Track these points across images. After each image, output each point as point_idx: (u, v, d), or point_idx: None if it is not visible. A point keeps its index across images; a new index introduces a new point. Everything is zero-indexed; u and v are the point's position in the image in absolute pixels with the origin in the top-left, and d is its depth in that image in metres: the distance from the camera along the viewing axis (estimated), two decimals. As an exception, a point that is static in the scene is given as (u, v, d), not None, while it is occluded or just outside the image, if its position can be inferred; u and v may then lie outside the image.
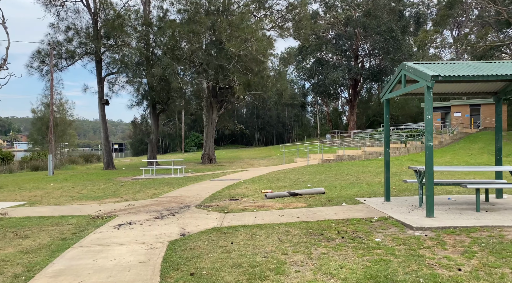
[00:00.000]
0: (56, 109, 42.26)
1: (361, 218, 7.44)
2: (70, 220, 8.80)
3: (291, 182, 14.70)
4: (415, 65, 7.34)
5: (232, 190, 13.06)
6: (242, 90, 23.35)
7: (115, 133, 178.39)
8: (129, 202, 11.16)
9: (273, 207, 9.31)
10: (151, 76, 24.69)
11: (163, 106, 29.56)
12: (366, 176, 15.65)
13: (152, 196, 12.56)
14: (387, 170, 9.11)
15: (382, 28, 40.33)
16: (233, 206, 9.71)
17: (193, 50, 25.02)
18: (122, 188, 15.17)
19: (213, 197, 11.46)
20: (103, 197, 13.11)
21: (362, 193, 10.95)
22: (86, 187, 16.13)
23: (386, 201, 9.10)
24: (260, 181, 15.26)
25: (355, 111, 48.36)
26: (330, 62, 47.07)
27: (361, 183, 13.51)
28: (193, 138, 61.68)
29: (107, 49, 26.34)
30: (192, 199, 11.27)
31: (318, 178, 15.57)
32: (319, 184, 13.59)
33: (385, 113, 9.06)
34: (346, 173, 16.87)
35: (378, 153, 24.63)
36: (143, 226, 7.79)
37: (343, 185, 13.10)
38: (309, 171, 18.35)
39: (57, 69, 26.89)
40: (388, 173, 9.11)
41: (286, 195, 10.58)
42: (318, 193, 10.85)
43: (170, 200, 11.22)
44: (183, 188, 13.98)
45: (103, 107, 26.73)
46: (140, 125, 32.08)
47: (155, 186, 15.25)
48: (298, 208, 8.92)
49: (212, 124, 28.31)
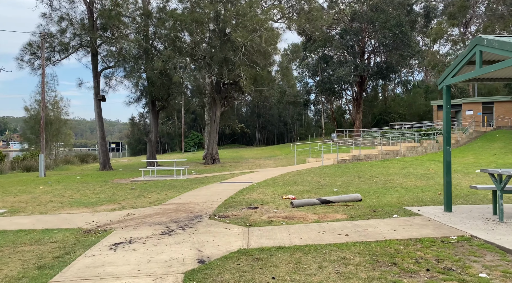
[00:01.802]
0: (50, 107, 40.40)
1: (433, 238, 5.70)
2: (55, 236, 7.04)
3: (311, 185, 12.96)
4: (503, 38, 5.62)
5: (247, 195, 11.31)
6: (249, 85, 21.59)
7: (113, 132, 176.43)
8: (128, 211, 9.39)
9: (305, 219, 7.57)
10: (151, 70, 22.92)
11: (163, 102, 27.76)
12: (395, 178, 13.92)
13: (155, 202, 10.80)
14: (447, 173, 7.37)
15: (391, 23, 38.61)
16: (255, 217, 7.97)
17: (196, 42, 23.26)
18: (120, 193, 13.40)
19: (227, 205, 9.71)
20: (97, 203, 11.34)
21: (406, 200, 9.22)
22: (79, 190, 14.35)
23: (447, 211, 7.38)
24: (275, 185, 13.51)
25: (361, 109, 46.63)
26: (334, 59, 45.36)
27: (394, 187, 11.78)
28: (193, 137, 59.86)
29: (103, 42, 24.51)
30: (203, 207, 9.51)
31: (340, 181, 13.84)
32: (345, 189, 11.86)
33: (445, 103, 7.33)
34: (370, 175, 15.14)
35: (395, 152, 22.93)
36: (146, 246, 6.03)
37: (375, 190, 11.37)
38: (327, 172, 16.61)
39: (49, 63, 25.06)
40: (449, 177, 7.37)
41: (316, 203, 8.84)
42: (354, 200, 9.12)
43: (176, 208, 9.46)
44: (190, 193, 12.22)
45: (99, 104, 24.92)
46: (139, 124, 30.31)
47: (157, 190, 13.49)
48: (339, 221, 7.18)
49: (216, 122, 26.54)
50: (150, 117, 27.77)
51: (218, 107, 26.37)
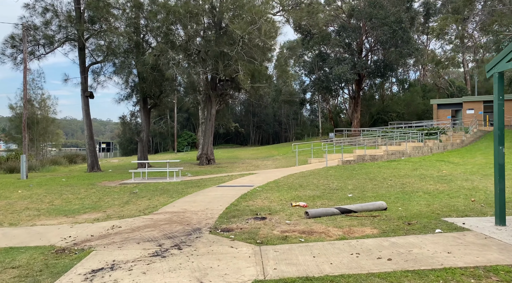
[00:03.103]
0: (37, 105, 38.68)
1: (508, 266, 4.40)
2: (19, 258, 5.65)
3: (320, 190, 11.65)
4: None
5: (250, 201, 9.97)
6: (247, 80, 20.25)
7: (104, 132, 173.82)
8: (113, 222, 8.00)
9: (328, 234, 6.25)
10: (142, 65, 21.48)
11: (155, 100, 26.29)
12: (411, 181, 12.66)
13: (145, 210, 9.42)
14: (500, 179, 6.08)
15: (391, 19, 37.47)
16: (265, 231, 6.63)
17: (190, 35, 21.86)
18: (107, 198, 11.99)
19: (229, 214, 8.36)
20: (80, 211, 9.94)
21: (438, 209, 7.95)
22: (61, 195, 12.91)
23: (501, 225, 6.10)
24: (280, 189, 12.18)
25: (359, 108, 45.48)
26: (331, 57, 44.15)
27: (415, 192, 10.51)
28: (186, 137, 58.34)
29: (91, 35, 22.99)
30: (202, 217, 8.15)
31: (351, 184, 12.55)
32: (361, 194, 10.56)
33: (496, 93, 6.05)
34: (381, 177, 13.87)
35: (400, 152, 21.73)
36: (133, 276, 4.67)
37: (395, 195, 10.08)
38: (333, 174, 15.33)
39: (33, 57, 23.51)
40: (503, 183, 6.08)
41: (335, 212, 7.53)
42: (379, 209, 7.83)
43: (170, 219, 8.09)
44: (185, 199, 10.84)
45: (87, 101, 23.41)
46: (130, 123, 28.78)
47: (148, 195, 12.09)
48: (372, 238, 5.86)
49: (211, 121, 25.14)
50: (141, 116, 26.30)
51: (213, 105, 24.98)
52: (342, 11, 43.58)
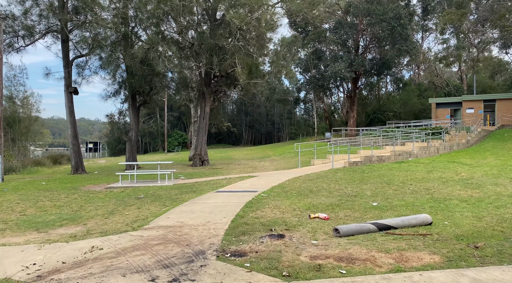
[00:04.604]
0: (19, 103, 36.62)
1: None
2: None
3: (335, 196, 10.18)
4: None
5: (258, 211, 8.46)
6: (246, 75, 18.72)
7: (92, 132, 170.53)
8: (93, 242, 6.41)
9: (375, 262, 4.76)
10: (131, 58, 19.82)
11: (144, 97, 24.62)
12: (434, 186, 11.26)
13: (134, 223, 7.85)
14: None
15: (389, 15, 36.22)
16: (289, 256, 5.13)
17: (182, 27, 20.26)
18: (89, 206, 10.39)
19: (237, 229, 6.83)
20: (55, 223, 8.35)
21: (496, 224, 6.54)
22: (37, 202, 11.26)
23: None
24: (288, 195, 10.69)
25: (355, 107, 44.19)
26: (327, 54, 42.82)
27: (448, 199, 9.10)
28: (177, 136, 56.52)
29: (75, 26, 21.26)
30: (203, 234, 6.61)
31: (368, 190, 11.10)
32: (386, 202, 9.12)
33: None
34: (398, 181, 12.46)
35: (407, 153, 20.41)
36: None
37: (427, 203, 8.66)
38: (342, 177, 13.89)
39: (12, 50, 21.68)
40: None
41: (372, 229, 6.06)
42: (423, 224, 6.37)
43: (165, 237, 6.53)
44: (181, 208, 9.27)
45: (70, 97, 21.65)
46: (118, 122, 27.01)
47: (136, 202, 10.51)
48: (437, 270, 4.40)
49: (205, 119, 23.53)
50: (129, 114, 24.60)
51: (207, 102, 23.38)
52: (338, 7, 42.26)
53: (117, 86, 24.01)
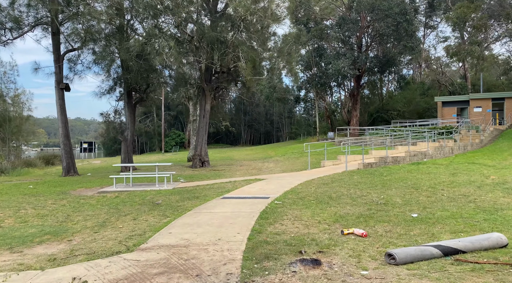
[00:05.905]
0: (9, 101, 35.03)
1: None
2: None
3: (361, 204, 8.85)
4: None
5: (277, 224, 7.11)
6: (250, 70, 17.36)
7: (88, 132, 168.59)
8: (75, 271, 5.02)
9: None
10: (126, 52, 18.41)
11: (141, 94, 23.22)
12: (470, 191, 9.96)
13: (128, 240, 6.49)
14: None
15: (395, 10, 34.93)
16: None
17: (182, 18, 18.88)
18: (78, 215, 9.03)
19: (257, 251, 5.47)
20: (34, 238, 6.99)
21: None
22: (18, 210, 9.89)
23: None
24: (306, 202, 9.34)
25: (358, 106, 42.91)
26: (329, 52, 41.51)
27: (501, 209, 7.79)
28: (174, 136, 55.06)
29: (67, 17, 19.80)
30: (216, 258, 5.25)
31: (395, 195, 9.78)
32: (424, 211, 7.80)
33: None
34: (425, 186, 11.15)
35: (422, 154, 19.12)
36: None
37: (479, 215, 7.35)
38: (360, 181, 12.56)
39: None
40: None
41: (435, 254, 4.72)
42: (496, 246, 5.04)
43: (167, 262, 5.16)
44: (184, 220, 7.89)
45: (61, 94, 20.20)
46: (113, 121, 25.55)
47: (132, 211, 9.14)
48: None
49: (205, 117, 22.14)
50: (125, 112, 23.17)
51: (208, 100, 21.99)
52: (341, 3, 40.95)
53: (112, 83, 22.60)
